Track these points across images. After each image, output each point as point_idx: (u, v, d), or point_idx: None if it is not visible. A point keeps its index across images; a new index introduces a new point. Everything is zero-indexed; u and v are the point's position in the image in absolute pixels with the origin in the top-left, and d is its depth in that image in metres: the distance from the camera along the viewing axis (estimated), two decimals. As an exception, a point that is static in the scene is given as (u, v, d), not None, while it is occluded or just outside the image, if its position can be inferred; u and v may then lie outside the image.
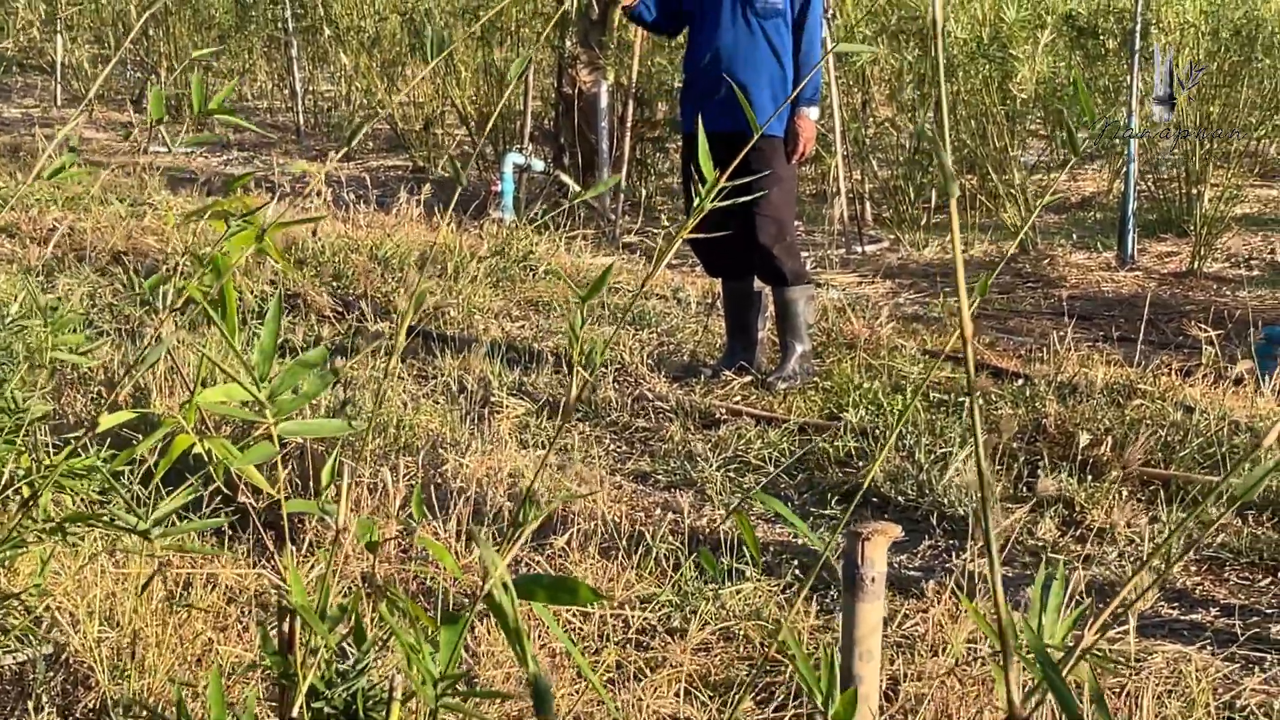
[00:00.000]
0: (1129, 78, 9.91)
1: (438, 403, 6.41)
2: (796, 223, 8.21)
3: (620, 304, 8.46)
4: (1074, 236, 10.70)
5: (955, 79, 11.04)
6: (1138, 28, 9.75)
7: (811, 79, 6.91)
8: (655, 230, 10.95)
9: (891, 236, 10.85)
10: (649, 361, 7.28)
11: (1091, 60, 11.33)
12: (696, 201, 2.13)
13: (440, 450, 5.65)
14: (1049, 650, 1.65)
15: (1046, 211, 11.54)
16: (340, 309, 7.92)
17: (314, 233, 9.15)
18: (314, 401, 3.91)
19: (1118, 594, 1.59)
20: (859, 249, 10.48)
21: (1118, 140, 10.62)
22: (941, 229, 10.96)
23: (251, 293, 7.94)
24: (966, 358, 1.37)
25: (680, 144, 8.27)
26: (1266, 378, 6.51)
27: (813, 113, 6.96)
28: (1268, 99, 10.86)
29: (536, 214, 10.59)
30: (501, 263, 9.03)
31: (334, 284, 8.48)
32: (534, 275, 9.02)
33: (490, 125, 12.26)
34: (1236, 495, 1.41)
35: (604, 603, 4.49)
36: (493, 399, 6.55)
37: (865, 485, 2.26)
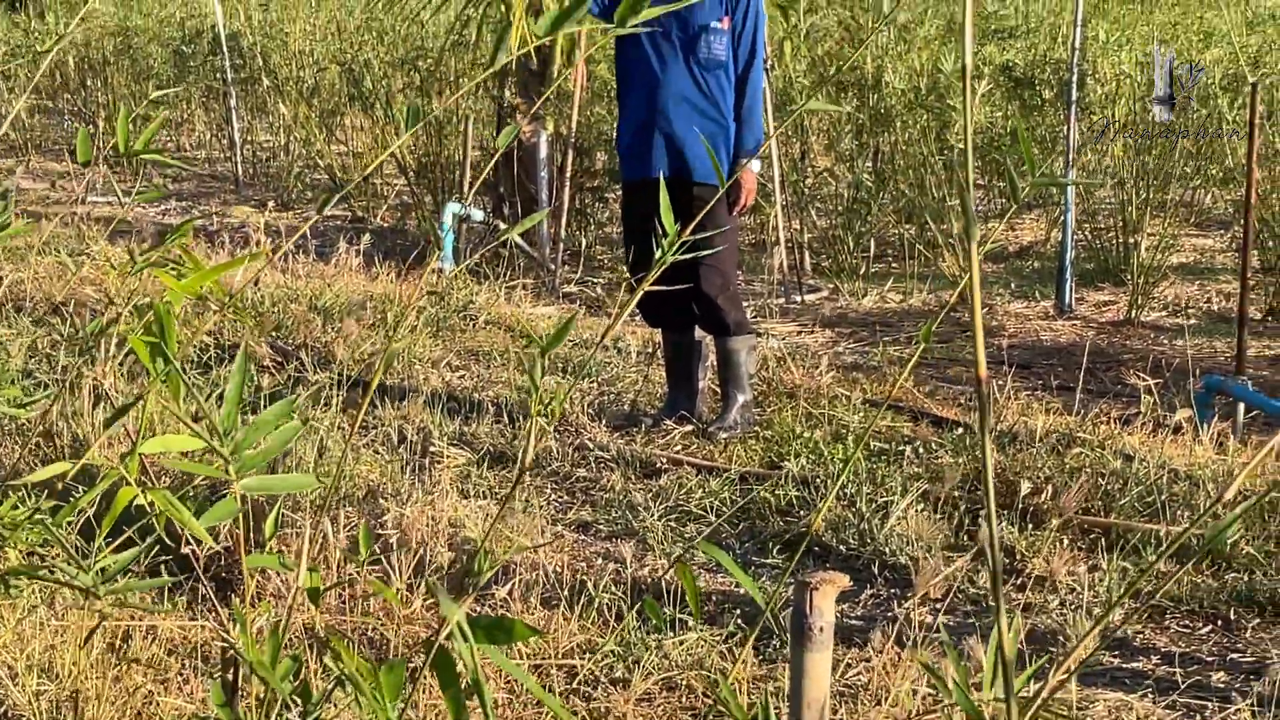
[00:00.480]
0: (1066, 127, 9.98)
1: (378, 452, 6.37)
2: (738, 272, 8.24)
3: (560, 353, 8.44)
4: (1013, 285, 10.76)
5: (893, 129, 11.12)
6: (1074, 78, 9.83)
7: (754, 131, 6.95)
8: (595, 280, 10.95)
9: (831, 285, 10.88)
10: (590, 411, 7.27)
11: (1029, 110, 11.42)
12: (658, 254, 2.12)
13: (381, 500, 5.61)
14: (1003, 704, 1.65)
15: (985, 261, 11.59)
16: (279, 359, 7.88)
17: (255, 282, 9.11)
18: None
19: (1059, 642, 1.58)
20: (798, 298, 10.51)
21: (1054, 190, 10.71)
22: (880, 278, 11.01)
23: (191, 344, 7.89)
24: (981, 422, 1.37)
25: (620, 193, 8.27)
26: (1205, 426, 6.54)
27: (755, 165, 7.00)
28: (1202, 148, 10.97)
29: (476, 263, 10.57)
30: (441, 312, 9.01)
31: (273, 334, 8.44)
32: (474, 325, 9.00)
33: (429, 175, 12.26)
34: (1204, 545, 1.41)
35: (548, 654, 4.47)
36: (433, 449, 6.51)
37: (808, 535, 2.25)
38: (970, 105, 1.28)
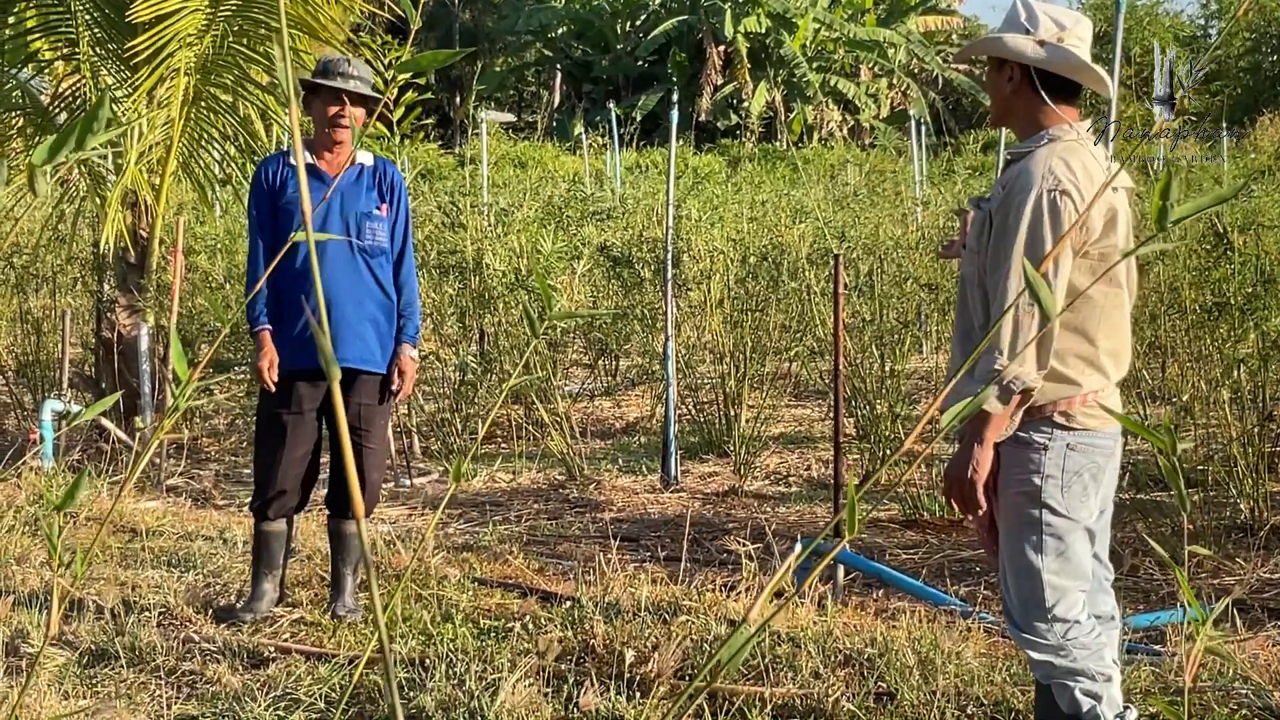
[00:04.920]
0: (664, 304, 10.20)
1: (-36, 658, 6.04)
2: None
3: (166, 547, 8.20)
4: (620, 461, 10.88)
5: (496, 310, 11.20)
6: (669, 256, 10.07)
7: (412, 319, 6.97)
8: (201, 472, 10.69)
9: (441, 468, 10.83)
10: (196, 604, 7.05)
11: (629, 288, 11.65)
12: (172, 401, 2.04)
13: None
14: None
15: (593, 438, 11.71)
16: None
17: None
18: None
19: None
20: (408, 481, 10.43)
21: (657, 366, 10.90)
22: (490, 459, 11.01)
23: None
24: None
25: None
26: (806, 589, 6.67)
27: (414, 353, 7.02)
28: (795, 321, 11.33)
29: (77, 459, 10.22)
30: (41, 510, 8.66)
31: None
32: (75, 522, 8.67)
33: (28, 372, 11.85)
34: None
35: None
36: (30, 649, 6.22)
37: (419, 717, 2.18)
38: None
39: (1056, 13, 4.59)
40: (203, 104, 10.70)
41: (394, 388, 6.93)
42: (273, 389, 6.87)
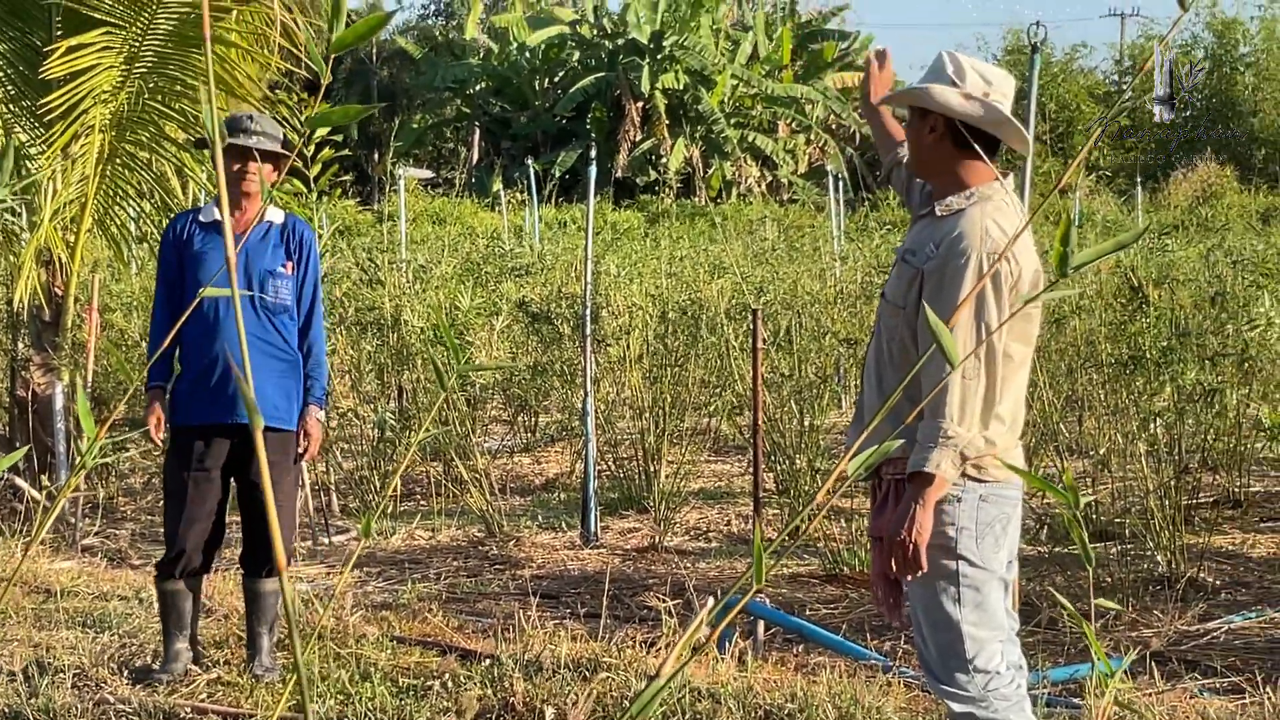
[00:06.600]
0: (583, 360, 10.19)
1: None
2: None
3: (80, 607, 8.10)
4: (540, 517, 10.85)
5: (414, 367, 11.15)
6: (588, 312, 10.07)
7: (320, 380, 6.94)
8: (117, 531, 10.57)
9: (360, 526, 10.76)
10: (111, 665, 6.96)
11: (548, 344, 11.64)
12: (79, 460, 2.01)
13: None
14: None
15: (512, 494, 11.67)
16: None
17: None
18: None
19: None
20: (326, 540, 10.36)
21: (577, 422, 10.89)
22: (409, 516, 10.94)
23: None
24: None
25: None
26: (725, 644, 6.66)
27: (321, 414, 6.99)
28: (715, 376, 11.35)
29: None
30: (-54, 574, 8.54)
31: None
32: (-15, 584, 8.55)
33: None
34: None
35: None
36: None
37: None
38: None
39: (983, 68, 4.62)
40: (118, 160, 10.62)
41: (300, 449, 6.89)
42: (159, 446, 6.84)
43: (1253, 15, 45.88)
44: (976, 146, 4.55)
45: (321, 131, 10.07)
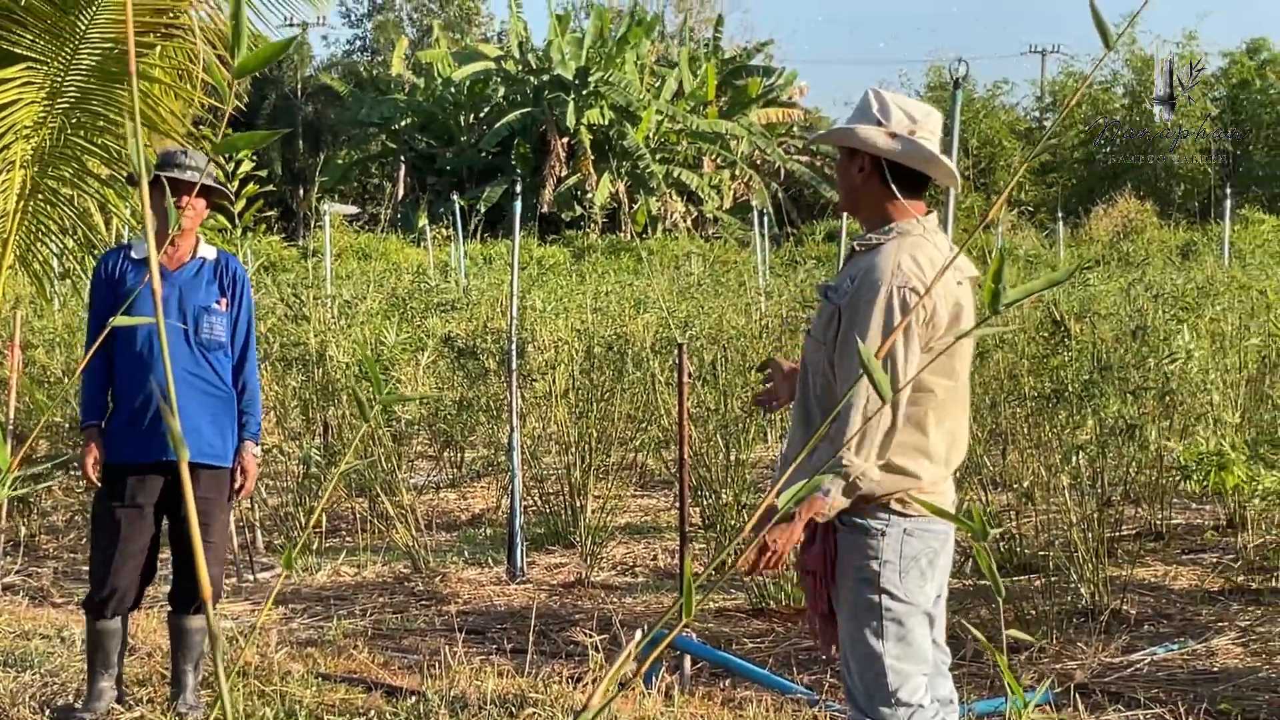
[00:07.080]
0: (509, 395, 10.19)
1: None
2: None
3: (5, 647, 8.02)
4: (466, 553, 10.81)
5: (339, 403, 11.11)
6: (514, 347, 10.08)
7: (254, 416, 6.92)
8: (39, 569, 10.47)
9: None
10: (32, 704, 6.90)
11: (474, 379, 11.63)
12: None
13: None
14: None
15: (438, 530, 11.63)
16: None
17: None
18: None
19: None
20: (251, 576, 10.29)
21: (503, 458, 10.87)
22: (334, 552, 10.89)
23: None
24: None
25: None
26: (652, 679, 6.66)
27: (256, 450, 6.97)
28: (641, 411, 11.37)
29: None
30: None
31: None
32: (-98, 624, 8.45)
33: None
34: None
35: None
36: None
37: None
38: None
39: (908, 105, 4.65)
40: (40, 196, 10.54)
41: (236, 485, 6.86)
42: (97, 485, 6.78)
43: (1171, 52, 46.37)
44: (893, 186, 4.59)
45: (246, 166, 10.06)
